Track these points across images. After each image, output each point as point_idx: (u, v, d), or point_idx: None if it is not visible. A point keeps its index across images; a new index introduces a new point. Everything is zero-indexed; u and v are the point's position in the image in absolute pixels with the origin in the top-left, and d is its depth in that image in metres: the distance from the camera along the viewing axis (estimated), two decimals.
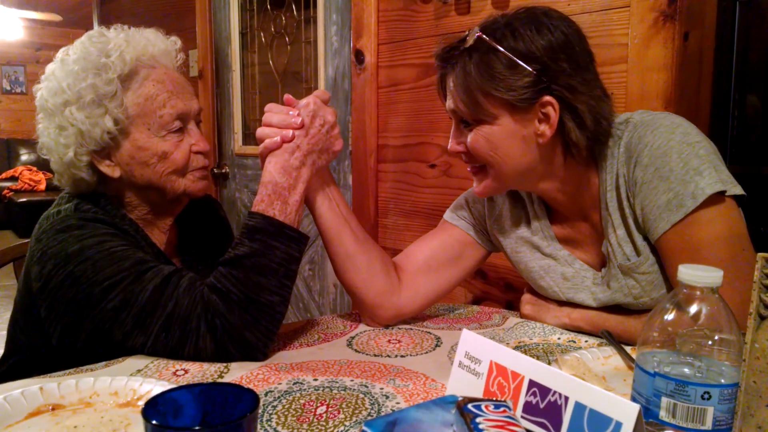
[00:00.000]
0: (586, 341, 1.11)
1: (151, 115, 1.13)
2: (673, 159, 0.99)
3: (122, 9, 3.93)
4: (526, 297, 1.28)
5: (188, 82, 1.21)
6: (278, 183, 1.07)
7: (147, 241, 1.18)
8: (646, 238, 1.06)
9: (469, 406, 0.57)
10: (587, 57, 1.05)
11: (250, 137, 3.10)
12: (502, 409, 0.57)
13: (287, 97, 1.13)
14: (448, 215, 1.32)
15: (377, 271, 1.20)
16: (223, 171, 3.16)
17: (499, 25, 1.03)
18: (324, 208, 1.17)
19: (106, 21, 4.16)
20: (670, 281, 1.06)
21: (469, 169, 1.13)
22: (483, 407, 0.57)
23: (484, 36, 1.02)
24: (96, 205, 1.15)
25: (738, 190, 0.99)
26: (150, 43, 1.16)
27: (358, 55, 2.27)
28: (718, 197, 0.97)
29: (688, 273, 0.64)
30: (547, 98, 1.01)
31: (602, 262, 1.16)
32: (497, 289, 1.94)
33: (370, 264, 1.19)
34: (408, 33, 2.12)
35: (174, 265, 1.13)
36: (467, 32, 1.05)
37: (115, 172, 1.14)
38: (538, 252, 1.22)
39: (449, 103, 1.09)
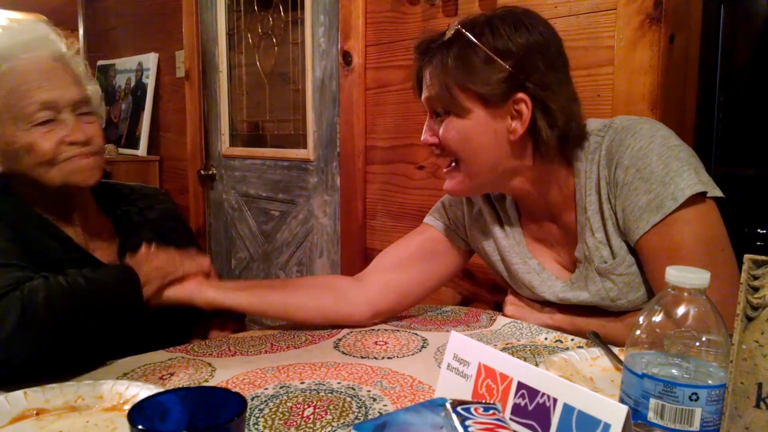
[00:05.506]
0: (573, 340, 1.11)
1: (14, 109, 1.10)
2: (653, 161, 1.00)
3: (108, 10, 3.90)
4: (510, 298, 1.29)
5: (68, 69, 1.16)
6: None
7: (58, 234, 1.16)
8: (624, 241, 1.07)
9: (459, 408, 0.57)
10: (562, 60, 1.08)
11: (237, 138, 3.09)
12: (491, 411, 0.57)
13: None
14: (426, 218, 1.33)
15: (318, 294, 1.24)
16: (210, 173, 3.15)
17: (478, 22, 1.05)
18: (230, 295, 1.19)
19: (93, 21, 4.13)
20: (649, 283, 1.07)
21: (444, 170, 1.14)
22: (472, 410, 0.57)
23: (464, 30, 1.04)
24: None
25: (717, 192, 1.00)
26: (25, 29, 1.14)
27: (346, 57, 2.27)
28: (698, 199, 0.98)
29: (675, 274, 0.64)
30: (521, 95, 1.02)
31: (572, 265, 1.16)
32: (485, 290, 1.94)
33: (306, 296, 1.23)
34: (396, 35, 2.12)
35: (93, 257, 1.16)
36: (447, 27, 1.07)
37: None
38: (509, 257, 1.22)
39: (424, 94, 1.10)
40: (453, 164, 1.12)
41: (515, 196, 1.20)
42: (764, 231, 1.46)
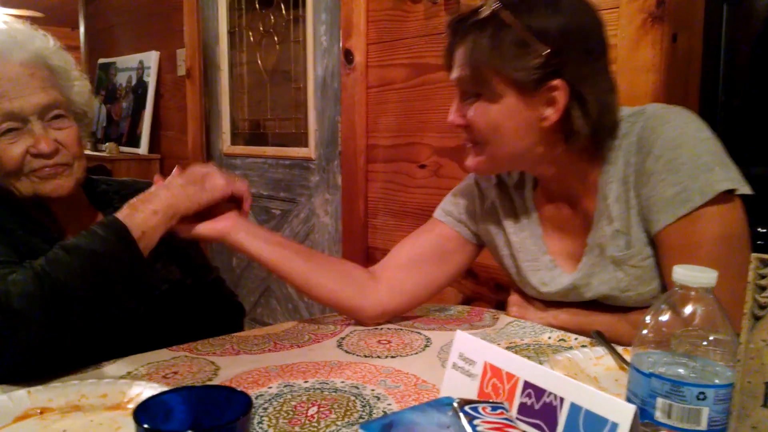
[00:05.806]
0: (576, 339, 1.11)
1: None
2: (685, 152, 0.98)
3: (109, 8, 3.90)
4: (513, 299, 1.28)
5: (38, 73, 1.11)
6: None
7: (48, 236, 1.13)
8: (643, 232, 1.05)
9: (467, 408, 0.56)
10: (601, 46, 1.04)
11: (238, 137, 3.09)
12: (499, 410, 0.57)
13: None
14: (436, 212, 1.31)
15: (340, 279, 1.21)
16: None
17: (515, 0, 1.00)
18: (258, 245, 1.16)
19: (94, 19, 4.13)
20: (664, 276, 1.04)
21: (468, 145, 1.11)
22: (480, 409, 0.56)
23: (501, 9, 0.99)
24: None
25: (747, 189, 0.98)
26: None
27: (348, 55, 2.27)
28: (727, 195, 0.97)
29: (683, 273, 0.64)
30: (557, 82, 0.99)
31: (581, 253, 1.14)
32: (488, 290, 1.94)
33: (329, 275, 1.20)
34: (398, 33, 2.12)
35: None
36: (483, 2, 1.02)
37: None
38: (520, 254, 1.21)
39: (455, 74, 1.07)
40: (477, 142, 1.09)
41: (537, 177, 1.18)
42: (765, 230, 1.46)
